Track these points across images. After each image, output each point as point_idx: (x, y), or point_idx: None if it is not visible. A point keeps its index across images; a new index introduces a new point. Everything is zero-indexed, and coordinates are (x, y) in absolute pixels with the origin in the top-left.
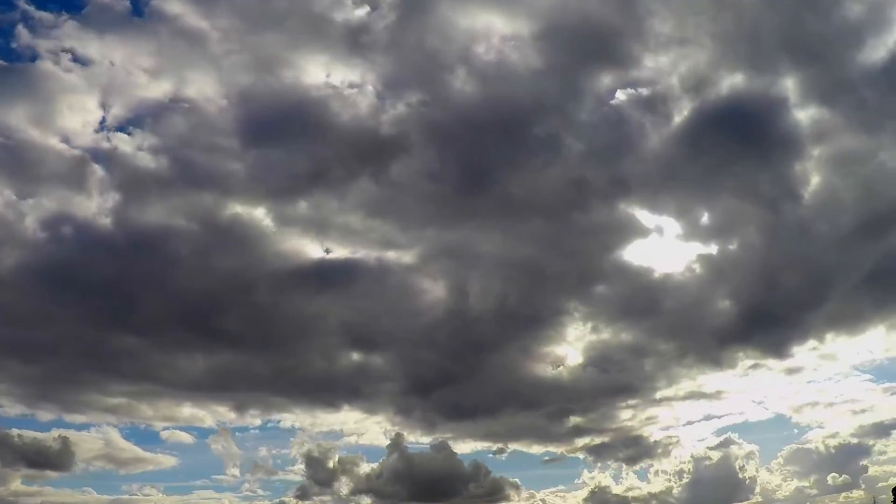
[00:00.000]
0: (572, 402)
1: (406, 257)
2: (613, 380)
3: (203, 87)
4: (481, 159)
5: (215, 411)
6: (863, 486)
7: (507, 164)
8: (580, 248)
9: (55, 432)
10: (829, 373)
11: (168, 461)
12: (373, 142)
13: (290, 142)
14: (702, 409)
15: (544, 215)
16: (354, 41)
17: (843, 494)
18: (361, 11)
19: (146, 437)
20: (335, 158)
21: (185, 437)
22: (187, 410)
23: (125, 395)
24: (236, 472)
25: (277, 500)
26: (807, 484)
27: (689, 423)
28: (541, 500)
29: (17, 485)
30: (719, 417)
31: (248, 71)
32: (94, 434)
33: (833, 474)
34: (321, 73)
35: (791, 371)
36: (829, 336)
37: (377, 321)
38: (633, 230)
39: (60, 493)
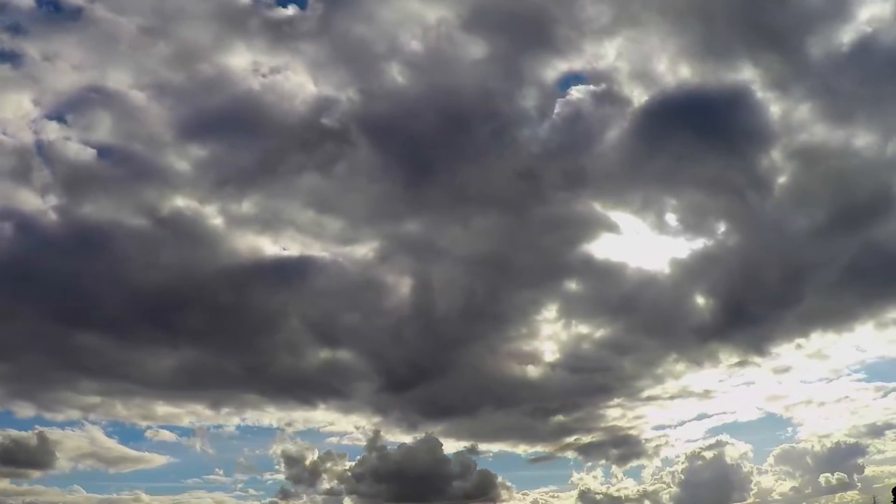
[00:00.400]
0: (554, 400)
1: (362, 253)
2: (593, 378)
3: (136, 82)
4: (427, 152)
5: (192, 410)
6: (859, 486)
7: (455, 156)
8: (543, 243)
9: (37, 430)
10: (820, 372)
11: (157, 460)
12: (315, 137)
13: (230, 137)
14: (692, 409)
15: (500, 208)
16: (283, 34)
17: (838, 495)
18: (290, 6)
19: (131, 436)
20: (279, 153)
21: (170, 436)
22: (163, 409)
23: (98, 393)
24: (226, 471)
25: (269, 500)
26: (798, 484)
27: (682, 422)
28: (533, 500)
29: (5, 484)
30: (710, 417)
31: (177, 65)
32: (78, 433)
33: (827, 474)
34: (256, 68)
35: (781, 370)
36: (815, 334)
37: (343, 318)
38: (596, 224)
39: (50, 492)
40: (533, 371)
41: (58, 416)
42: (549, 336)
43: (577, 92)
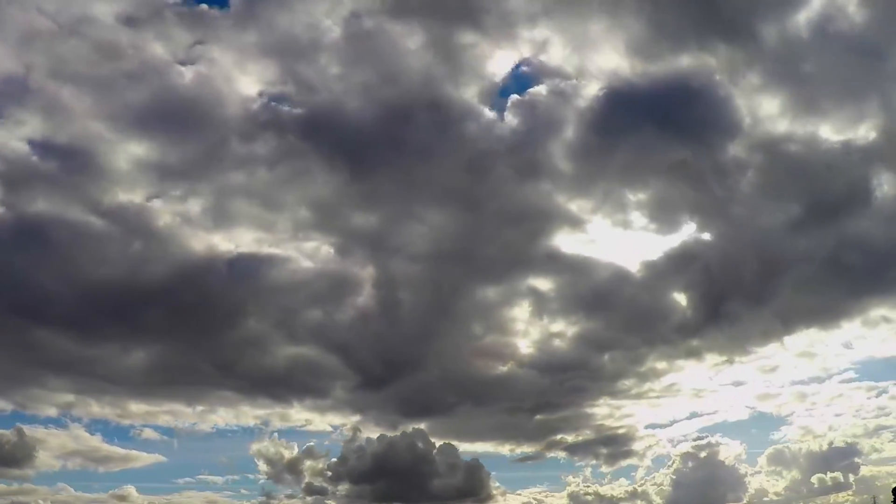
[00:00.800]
0: (533, 398)
1: (317, 250)
2: (574, 376)
3: (58, 76)
4: (371, 145)
5: (168, 409)
6: (854, 486)
7: (401, 149)
8: (505, 238)
9: (17, 428)
10: (810, 371)
11: (143, 459)
12: (253, 132)
13: (167, 132)
14: (682, 408)
15: (455, 202)
16: (207, 26)
17: (832, 496)
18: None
19: (114, 434)
20: (219, 149)
21: (153, 435)
22: (138, 407)
23: (69, 391)
24: (210, 470)
25: (257, 501)
26: (792, 485)
27: (672, 422)
28: (524, 500)
29: None
30: (700, 416)
31: (100, 59)
32: (61, 431)
33: (821, 475)
34: (183, 63)
35: (769, 369)
36: (800, 332)
37: (310, 315)
38: (560, 219)
39: (41, 490)
40: (512, 369)
41: (35, 413)
42: (525, 333)
43: (530, 87)
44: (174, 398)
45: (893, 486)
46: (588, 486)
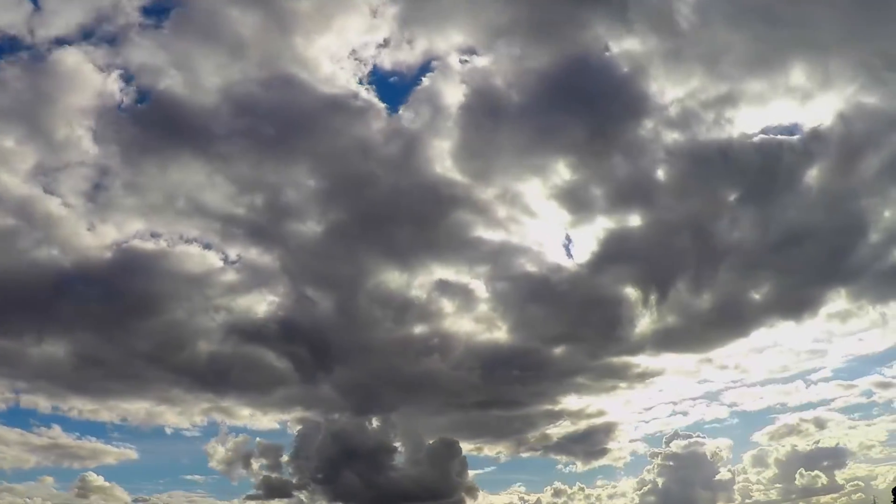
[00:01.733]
0: (477, 393)
1: (202, 240)
2: (523, 374)
3: None
4: (225, 132)
5: (110, 406)
6: (844, 487)
7: (256, 134)
8: (402, 226)
9: None
10: (793, 370)
11: (116, 455)
12: (100, 124)
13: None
14: (661, 407)
15: (336, 188)
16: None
17: (821, 497)
18: None
19: (75, 430)
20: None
21: (112, 433)
22: (80, 405)
23: (6, 388)
24: (182, 470)
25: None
26: (775, 484)
27: (650, 420)
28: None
29: None
30: (677, 415)
31: None
32: (18, 428)
33: (808, 475)
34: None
35: (745, 369)
36: (772, 327)
37: (219, 308)
38: (458, 206)
39: (18, 489)
40: (455, 362)
41: None
42: (460, 325)
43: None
44: (115, 395)
45: (893, 486)
46: (565, 486)
